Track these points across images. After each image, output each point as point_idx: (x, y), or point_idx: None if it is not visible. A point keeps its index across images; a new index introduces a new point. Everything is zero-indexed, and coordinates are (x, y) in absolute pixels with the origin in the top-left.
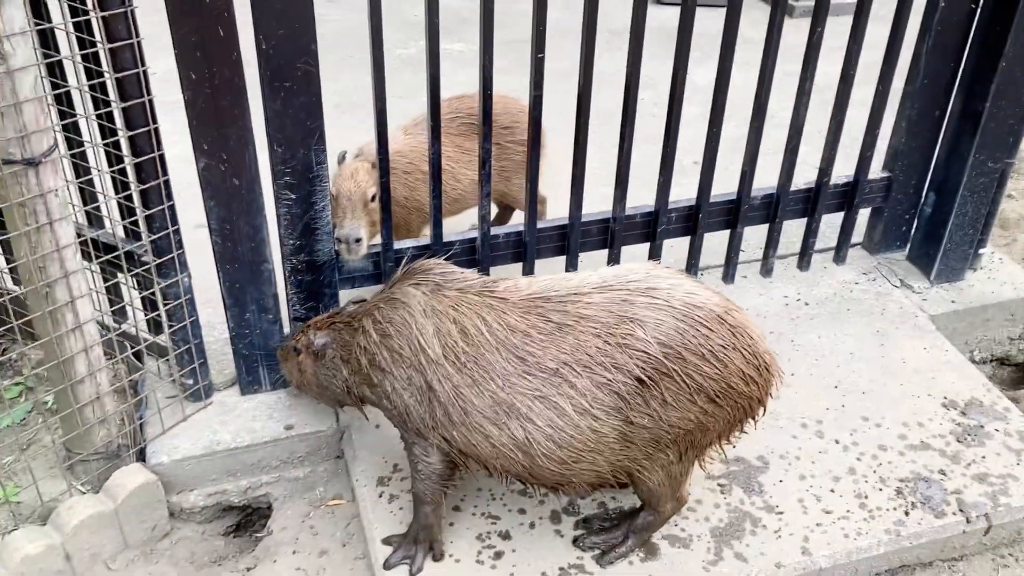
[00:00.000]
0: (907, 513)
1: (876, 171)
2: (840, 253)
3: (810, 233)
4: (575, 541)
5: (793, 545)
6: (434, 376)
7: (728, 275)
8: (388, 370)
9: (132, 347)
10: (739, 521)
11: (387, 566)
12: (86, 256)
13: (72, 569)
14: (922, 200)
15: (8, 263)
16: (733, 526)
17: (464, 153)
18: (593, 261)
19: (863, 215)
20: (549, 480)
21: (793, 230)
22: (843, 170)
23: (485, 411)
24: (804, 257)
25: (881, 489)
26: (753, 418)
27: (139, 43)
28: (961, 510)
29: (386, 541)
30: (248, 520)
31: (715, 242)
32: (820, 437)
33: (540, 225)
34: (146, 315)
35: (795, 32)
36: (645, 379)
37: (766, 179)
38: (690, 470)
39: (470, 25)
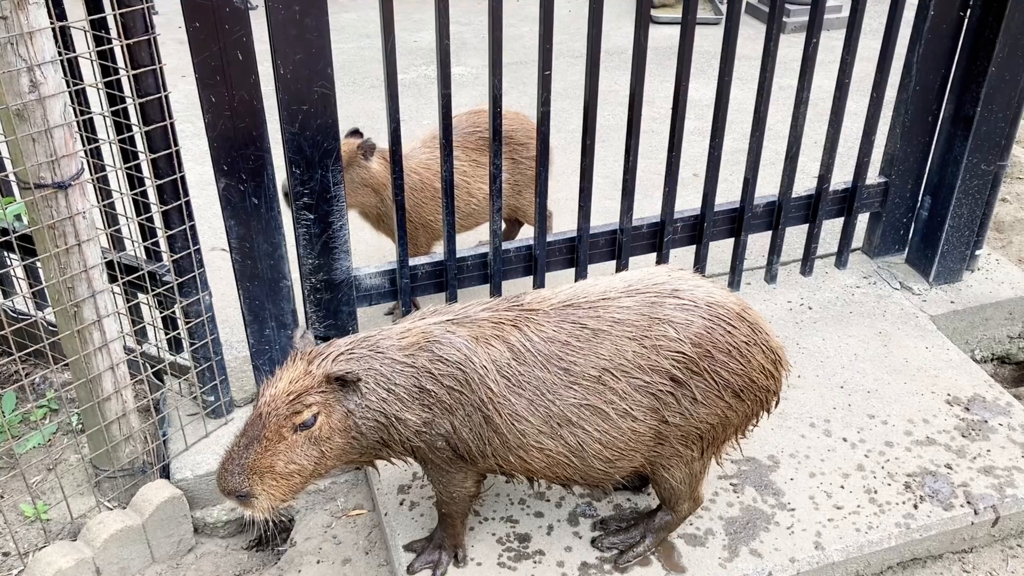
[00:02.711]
0: (916, 507)
1: (873, 177)
2: (841, 258)
3: (811, 239)
4: (593, 542)
5: (806, 540)
6: (493, 409)
7: (733, 282)
8: (448, 410)
9: (153, 366)
10: (753, 519)
11: (411, 571)
12: (109, 278)
13: None
14: (918, 204)
15: (31, 287)
16: (747, 524)
17: (480, 168)
18: (601, 273)
19: (862, 220)
20: (595, 479)
21: (794, 237)
22: (841, 177)
23: (542, 427)
24: (806, 262)
25: (890, 484)
26: (768, 411)
27: (161, 69)
28: (969, 502)
29: (409, 547)
30: (270, 534)
31: (718, 250)
32: (828, 435)
33: (549, 238)
34: (167, 334)
35: (786, 47)
36: (680, 378)
37: (765, 189)
38: (708, 468)
39: (469, 49)
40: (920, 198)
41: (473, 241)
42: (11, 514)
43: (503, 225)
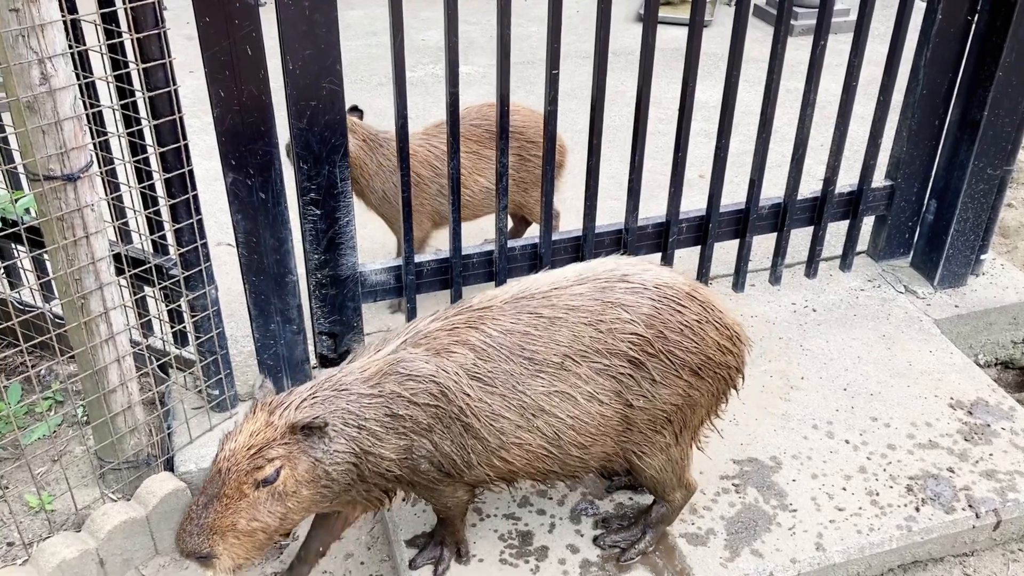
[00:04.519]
0: (918, 509)
1: (879, 180)
2: (846, 260)
3: (817, 241)
4: (595, 540)
5: (808, 541)
6: (471, 415)
7: (738, 284)
8: (427, 429)
9: (159, 359)
10: (754, 519)
11: (413, 567)
12: (116, 271)
13: (106, 574)
14: (924, 207)
15: (39, 279)
16: (749, 524)
17: (479, 160)
18: None
19: (867, 223)
20: (572, 468)
21: (799, 239)
22: (847, 180)
23: (519, 421)
24: (811, 265)
25: (892, 487)
26: (735, 388)
27: (171, 63)
28: (971, 506)
29: (411, 542)
30: None
31: (723, 252)
32: (831, 437)
33: (555, 237)
34: (173, 328)
35: (793, 50)
36: (637, 360)
37: (770, 191)
38: (689, 453)
39: (477, 48)
40: (926, 202)
41: (475, 235)
42: (16, 504)
43: (509, 223)
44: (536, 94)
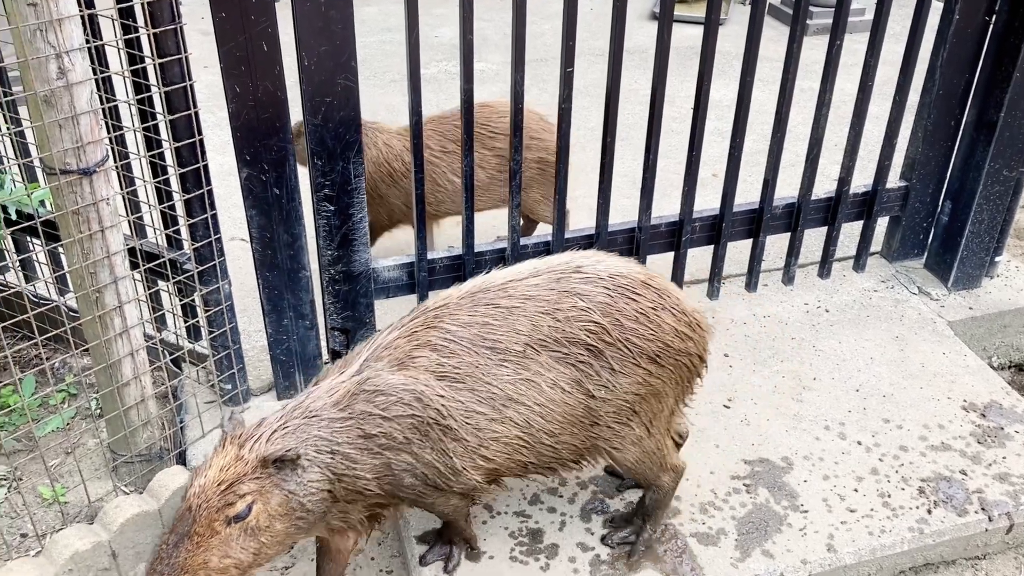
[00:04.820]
0: (930, 512)
1: (894, 180)
2: (859, 261)
3: (830, 241)
4: (603, 539)
5: (819, 542)
6: (448, 415)
7: (751, 283)
8: (405, 442)
9: (172, 353)
10: (765, 519)
11: (423, 563)
12: (131, 265)
13: (118, 567)
14: (939, 209)
15: (54, 272)
16: (760, 524)
17: (449, 156)
18: None
19: (881, 224)
20: (547, 459)
21: (812, 239)
22: (861, 180)
23: (491, 414)
24: (824, 265)
25: (904, 488)
26: (699, 376)
27: (187, 58)
28: (983, 509)
29: (421, 539)
30: None
31: (736, 252)
32: (843, 438)
33: (568, 235)
34: (186, 322)
35: (808, 49)
36: (595, 348)
37: (784, 191)
38: (665, 442)
39: (490, 46)
40: (940, 203)
41: (488, 232)
42: (29, 496)
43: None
44: (549, 92)
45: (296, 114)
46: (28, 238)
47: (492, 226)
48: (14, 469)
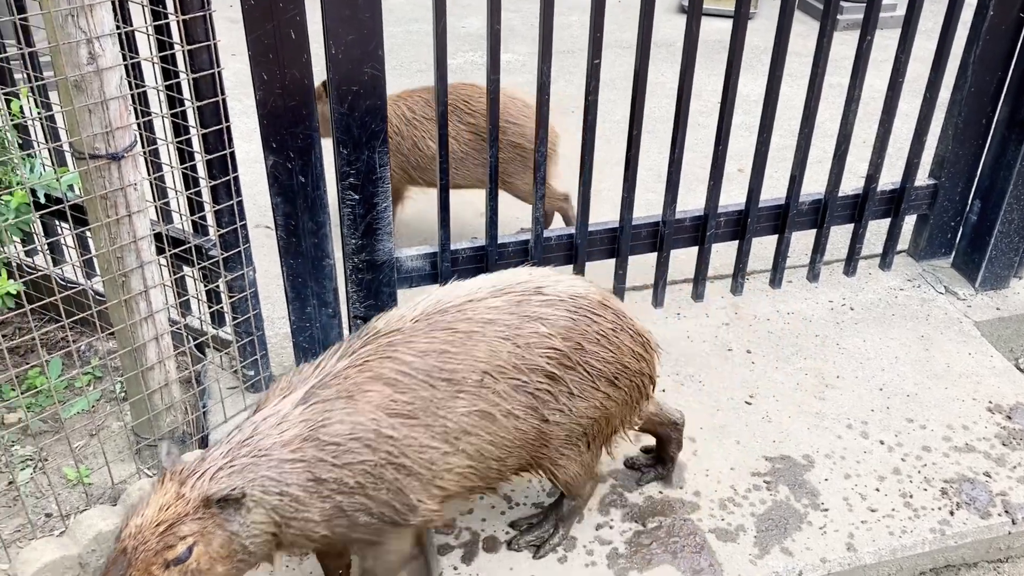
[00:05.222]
0: (952, 513)
1: (922, 178)
2: (886, 259)
3: (857, 239)
4: (509, 544)
5: (839, 541)
6: (400, 453)
7: (775, 280)
8: (357, 485)
9: (195, 339)
10: (785, 517)
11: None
12: (157, 250)
13: None
14: (967, 207)
15: (81, 257)
16: (779, 522)
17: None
18: (640, 265)
19: (909, 222)
20: (491, 480)
21: (838, 237)
22: (889, 177)
23: (445, 448)
24: (850, 263)
25: (926, 489)
26: (647, 397)
27: (215, 45)
28: (1007, 511)
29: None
30: None
31: (760, 248)
32: (865, 437)
33: (591, 228)
34: (210, 308)
35: (838, 44)
36: (555, 375)
37: (811, 187)
38: (599, 454)
39: (517, 37)
40: (970, 202)
41: (510, 224)
42: (54, 477)
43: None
44: (575, 83)
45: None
46: (56, 222)
47: (516, 218)
48: (40, 450)
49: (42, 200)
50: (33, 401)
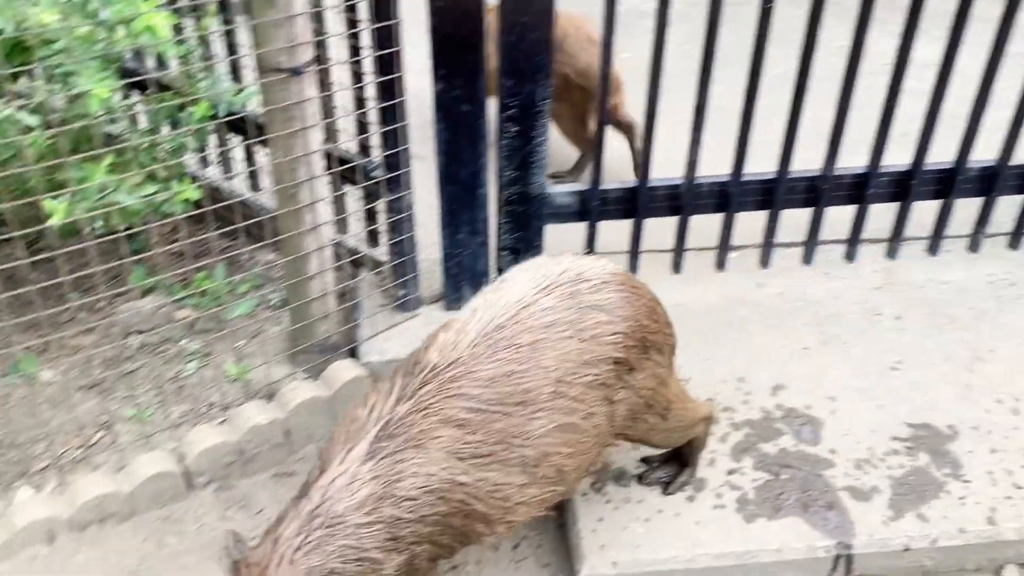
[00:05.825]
0: None
1: None
2: None
3: None
4: (640, 478)
5: (979, 513)
6: (472, 497)
7: (933, 247)
8: (429, 534)
9: (351, 256)
10: (923, 484)
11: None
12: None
13: (291, 444)
14: None
15: (248, 169)
16: (916, 488)
17: None
18: (793, 219)
19: None
20: (571, 485)
21: (1005, 209)
22: None
23: (520, 480)
24: (1017, 236)
25: None
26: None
27: None
28: None
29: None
30: None
31: (918, 214)
32: (1015, 414)
33: (745, 178)
34: (367, 227)
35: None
36: (620, 358)
37: (980, 155)
38: (682, 414)
39: None
40: None
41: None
42: (217, 371)
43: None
44: (739, 34)
45: None
46: (230, 135)
47: (659, 162)
48: (204, 345)
49: (220, 114)
50: (200, 300)
